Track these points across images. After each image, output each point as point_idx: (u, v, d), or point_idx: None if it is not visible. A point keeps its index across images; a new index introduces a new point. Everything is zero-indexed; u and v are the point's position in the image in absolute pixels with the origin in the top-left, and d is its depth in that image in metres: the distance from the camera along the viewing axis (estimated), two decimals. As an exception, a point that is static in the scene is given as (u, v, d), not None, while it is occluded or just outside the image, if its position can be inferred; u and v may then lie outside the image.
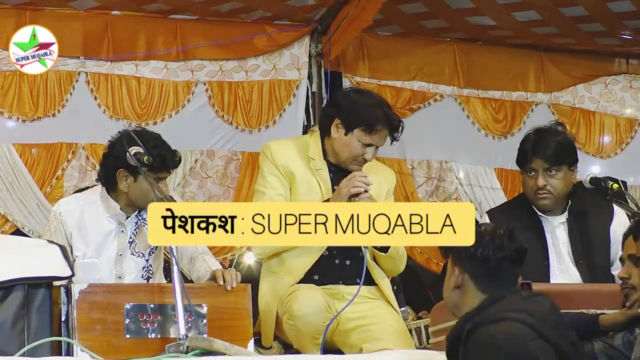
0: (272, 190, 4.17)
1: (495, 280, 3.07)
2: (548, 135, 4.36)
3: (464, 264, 3.12)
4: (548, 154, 4.26)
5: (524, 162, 4.35)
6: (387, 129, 4.13)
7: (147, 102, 6.44)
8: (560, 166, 4.29)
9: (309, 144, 4.24)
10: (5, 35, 5.86)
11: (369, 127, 4.09)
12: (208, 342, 3.41)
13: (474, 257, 3.08)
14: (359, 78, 6.92)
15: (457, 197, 7.08)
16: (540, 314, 2.99)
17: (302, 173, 4.18)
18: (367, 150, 4.12)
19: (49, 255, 3.59)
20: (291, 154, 4.22)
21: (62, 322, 3.55)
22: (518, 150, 4.42)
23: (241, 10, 6.49)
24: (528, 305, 3.02)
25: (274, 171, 4.20)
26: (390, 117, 4.15)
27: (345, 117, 4.14)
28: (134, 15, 6.42)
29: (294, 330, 3.96)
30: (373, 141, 4.12)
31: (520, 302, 3.04)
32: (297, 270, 4.11)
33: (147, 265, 4.31)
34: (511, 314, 2.97)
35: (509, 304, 3.02)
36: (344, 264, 4.16)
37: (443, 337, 3.94)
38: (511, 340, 2.90)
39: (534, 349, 2.90)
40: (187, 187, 6.53)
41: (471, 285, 3.10)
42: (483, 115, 7.18)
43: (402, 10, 6.62)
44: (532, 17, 6.65)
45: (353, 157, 4.13)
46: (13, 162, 6.13)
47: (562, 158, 4.30)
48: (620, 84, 7.47)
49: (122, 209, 4.27)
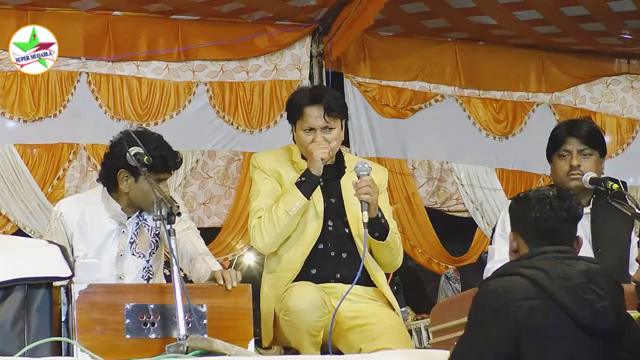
0: (264, 189, 4.28)
1: (547, 240, 3.11)
2: (581, 121, 4.48)
3: (517, 228, 3.18)
4: (583, 133, 4.32)
5: (558, 145, 4.37)
6: (313, 105, 4.22)
7: (148, 102, 6.45)
8: (593, 150, 4.33)
9: (293, 151, 4.38)
10: (7, 35, 5.86)
11: (298, 112, 4.23)
12: (208, 342, 3.41)
13: (525, 220, 3.13)
14: (360, 78, 6.93)
15: (458, 198, 7.09)
16: (561, 274, 2.99)
17: (288, 175, 4.29)
18: (312, 136, 4.21)
19: (49, 255, 3.59)
20: (277, 160, 4.36)
21: (62, 322, 3.55)
22: (549, 140, 4.44)
23: (242, 10, 6.50)
24: (552, 264, 3.03)
25: (264, 176, 4.33)
26: (311, 93, 4.28)
27: (288, 118, 4.34)
28: (135, 16, 6.43)
29: (289, 326, 3.98)
30: (310, 124, 4.21)
31: (551, 260, 3.05)
32: (293, 264, 4.16)
33: (148, 265, 4.31)
34: (523, 270, 3.00)
35: (535, 260, 3.05)
36: (340, 256, 4.19)
37: (443, 337, 3.96)
38: (500, 294, 2.95)
39: (520, 307, 2.92)
40: (188, 188, 6.54)
41: (525, 248, 3.15)
42: (484, 115, 7.18)
43: (403, 10, 6.63)
44: (533, 17, 6.66)
45: (307, 148, 4.23)
46: (14, 162, 6.14)
47: (596, 141, 4.36)
48: (621, 84, 7.47)
49: (123, 209, 4.27)
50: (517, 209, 3.19)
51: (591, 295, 2.98)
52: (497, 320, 2.93)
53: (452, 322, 3.91)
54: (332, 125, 4.23)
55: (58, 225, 4.28)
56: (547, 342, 2.93)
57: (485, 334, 2.95)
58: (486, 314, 2.97)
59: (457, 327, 3.86)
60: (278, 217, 4.12)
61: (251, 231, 4.22)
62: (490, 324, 2.94)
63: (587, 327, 2.95)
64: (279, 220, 4.12)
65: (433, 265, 7.04)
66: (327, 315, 3.97)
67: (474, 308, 3.01)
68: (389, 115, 7.01)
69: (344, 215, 4.23)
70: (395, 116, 7.03)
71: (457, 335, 3.82)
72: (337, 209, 4.24)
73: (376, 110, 6.98)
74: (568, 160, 4.33)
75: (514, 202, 3.24)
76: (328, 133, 4.22)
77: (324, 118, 4.20)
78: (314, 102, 4.23)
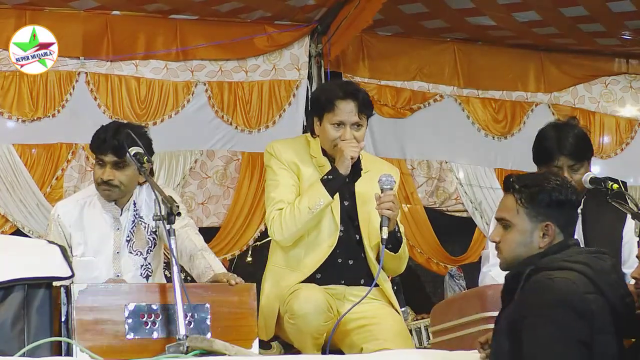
0: (284, 180, 4.19)
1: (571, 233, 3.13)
2: (568, 130, 4.38)
3: (553, 217, 3.13)
4: (572, 151, 4.29)
5: (549, 160, 4.35)
6: (346, 100, 4.13)
7: (147, 102, 6.44)
8: (583, 162, 4.32)
9: (310, 144, 4.28)
10: (6, 35, 5.87)
11: (330, 104, 4.12)
12: (208, 342, 3.41)
13: (563, 207, 3.13)
14: (359, 78, 6.92)
15: (457, 197, 7.09)
16: (601, 269, 3.00)
17: (307, 169, 4.21)
18: (341, 132, 4.13)
19: (49, 255, 3.58)
20: (295, 152, 4.26)
21: (62, 323, 3.54)
22: (537, 148, 4.41)
23: (241, 10, 6.49)
24: (590, 259, 3.02)
25: (281, 166, 4.23)
26: (345, 88, 4.19)
27: (314, 110, 4.24)
28: (133, 16, 6.42)
29: (294, 329, 3.96)
30: (341, 118, 4.12)
31: (585, 254, 3.05)
32: (304, 267, 4.12)
33: (146, 263, 4.32)
34: (573, 265, 2.98)
35: (573, 254, 3.04)
36: (347, 263, 4.16)
37: (443, 337, 3.96)
38: (570, 287, 2.90)
39: (590, 301, 2.90)
40: (186, 187, 6.54)
41: (557, 238, 3.13)
42: (483, 115, 7.19)
43: (402, 11, 6.62)
44: (532, 18, 6.65)
45: (334, 144, 4.15)
46: (13, 162, 6.13)
47: (584, 153, 4.33)
48: (620, 84, 7.48)
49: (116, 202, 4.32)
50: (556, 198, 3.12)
51: (623, 291, 3.01)
52: (575, 312, 2.88)
53: (452, 322, 3.91)
54: (362, 122, 4.15)
55: (56, 227, 4.31)
56: (608, 337, 2.93)
57: (567, 328, 2.87)
58: (563, 307, 2.89)
59: (457, 327, 3.87)
60: (300, 213, 4.04)
61: (269, 222, 4.13)
62: (569, 317, 2.88)
63: (623, 321, 2.97)
64: (300, 216, 4.04)
65: (432, 265, 7.04)
66: (333, 319, 3.97)
67: (546, 302, 2.91)
68: (387, 115, 7.01)
69: (356, 220, 4.17)
70: (394, 116, 7.03)
71: (457, 335, 3.84)
72: (350, 213, 4.18)
73: (375, 110, 6.94)
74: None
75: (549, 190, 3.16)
76: (357, 130, 4.14)
77: (357, 114, 4.12)
78: (348, 96, 4.13)
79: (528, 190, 3.14)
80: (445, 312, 4.04)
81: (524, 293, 3.00)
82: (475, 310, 3.75)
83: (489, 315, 3.64)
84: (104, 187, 4.27)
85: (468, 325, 3.79)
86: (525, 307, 2.96)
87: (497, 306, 3.36)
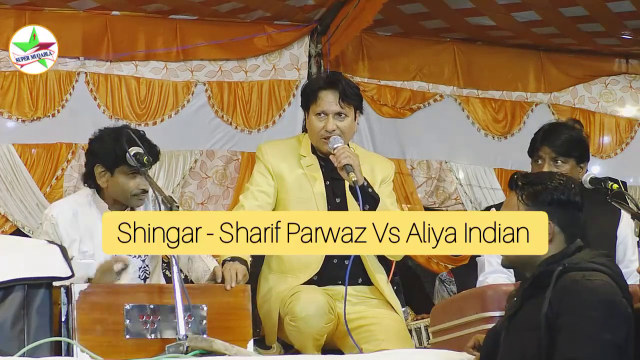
0: (255, 186, 4.20)
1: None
2: (560, 127, 4.40)
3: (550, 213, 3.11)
4: (557, 143, 4.28)
5: (532, 150, 4.37)
6: (328, 89, 4.13)
7: (146, 102, 6.44)
8: (567, 158, 4.30)
9: (301, 142, 4.28)
10: (5, 35, 5.87)
11: (313, 95, 4.13)
12: (208, 342, 3.41)
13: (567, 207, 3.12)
14: (359, 78, 6.91)
15: (456, 198, 7.09)
16: (619, 273, 3.00)
17: (292, 172, 4.20)
18: (324, 122, 4.11)
19: (49, 255, 3.58)
20: (282, 154, 4.26)
21: (62, 323, 3.55)
22: (530, 142, 4.44)
23: (241, 10, 6.49)
24: (606, 261, 3.01)
25: (262, 170, 4.23)
26: (328, 78, 4.20)
27: (302, 104, 4.25)
28: (133, 16, 6.42)
29: (296, 331, 3.96)
30: (323, 107, 4.12)
31: (598, 257, 3.03)
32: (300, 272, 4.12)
33: (144, 265, 4.30)
34: (599, 266, 2.96)
35: (591, 256, 3.02)
36: (343, 263, 4.13)
37: (443, 337, 3.96)
38: (607, 288, 2.89)
39: (625, 305, 2.90)
40: (186, 187, 6.54)
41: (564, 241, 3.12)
42: (483, 115, 7.18)
43: (401, 11, 6.62)
44: (531, 17, 6.65)
45: (319, 136, 4.14)
46: (13, 162, 6.13)
47: (570, 150, 4.31)
48: (620, 84, 7.47)
49: (110, 208, 4.27)
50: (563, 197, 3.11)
51: (629, 295, 3.00)
52: (616, 313, 2.86)
53: (452, 322, 3.91)
54: (346, 112, 4.12)
55: (50, 228, 4.27)
56: (632, 345, 2.91)
57: (608, 329, 2.84)
58: (605, 309, 2.86)
59: (457, 327, 3.87)
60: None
61: None
62: (611, 319, 2.85)
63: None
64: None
65: (432, 264, 7.04)
66: (334, 321, 3.97)
67: (590, 303, 2.87)
68: (387, 115, 7.01)
69: None
70: (394, 116, 7.03)
71: (457, 335, 3.84)
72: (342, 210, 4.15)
73: (375, 110, 6.98)
74: (541, 166, 4.34)
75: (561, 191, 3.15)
76: (341, 120, 4.12)
77: (339, 103, 4.10)
78: (329, 86, 4.13)
79: (530, 188, 3.13)
80: (445, 312, 4.04)
81: (558, 292, 2.94)
82: (475, 311, 3.75)
83: (488, 316, 3.64)
84: (141, 197, 4.21)
85: (468, 326, 3.78)
86: (563, 307, 2.91)
87: (497, 306, 3.36)
